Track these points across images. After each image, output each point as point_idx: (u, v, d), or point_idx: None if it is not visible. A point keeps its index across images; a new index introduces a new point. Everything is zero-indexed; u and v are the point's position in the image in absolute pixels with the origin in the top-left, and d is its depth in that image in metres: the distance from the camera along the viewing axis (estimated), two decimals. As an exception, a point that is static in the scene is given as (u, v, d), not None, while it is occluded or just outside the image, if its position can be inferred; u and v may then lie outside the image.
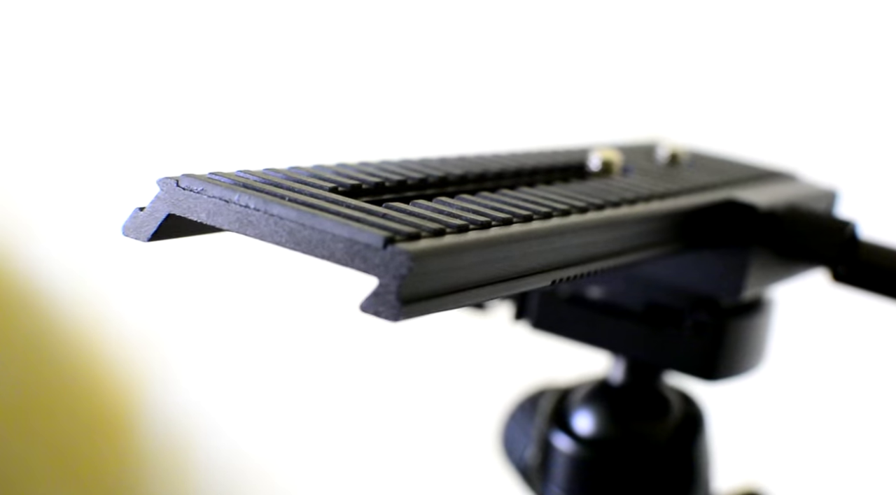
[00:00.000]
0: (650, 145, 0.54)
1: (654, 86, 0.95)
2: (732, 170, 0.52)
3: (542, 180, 0.44)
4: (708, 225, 0.46)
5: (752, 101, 0.92)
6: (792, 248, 0.47)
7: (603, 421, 0.52)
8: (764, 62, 0.92)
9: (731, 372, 0.50)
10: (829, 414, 0.95)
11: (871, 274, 0.48)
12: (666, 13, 0.95)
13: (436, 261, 0.33)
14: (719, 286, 0.47)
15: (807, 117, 0.90)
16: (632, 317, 0.50)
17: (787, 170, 0.55)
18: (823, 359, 0.94)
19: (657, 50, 0.96)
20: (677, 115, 0.95)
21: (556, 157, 0.48)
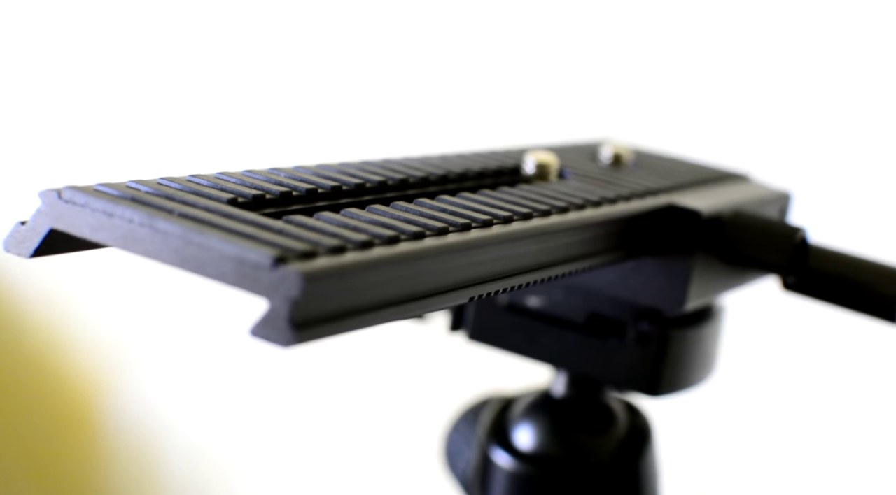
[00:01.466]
0: (594, 146, 0.52)
1: (610, 84, 0.93)
2: (680, 172, 0.50)
3: (470, 187, 0.42)
4: (648, 232, 0.43)
5: (708, 99, 0.89)
6: (738, 257, 0.44)
7: (544, 436, 0.50)
8: (723, 60, 0.89)
9: (676, 386, 0.48)
10: (780, 425, 0.93)
11: (822, 282, 0.46)
12: (628, 10, 0.92)
13: (333, 281, 0.30)
14: (661, 297, 0.44)
15: (764, 117, 0.88)
16: (573, 328, 0.48)
17: (740, 172, 0.53)
18: (776, 368, 0.92)
19: (612, 47, 0.93)
20: (633, 114, 0.92)
21: (490, 161, 0.45)
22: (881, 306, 0.46)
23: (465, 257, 0.35)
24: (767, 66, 0.87)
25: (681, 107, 0.90)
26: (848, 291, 0.46)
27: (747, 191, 0.50)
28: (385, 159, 0.42)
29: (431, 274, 0.33)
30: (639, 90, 0.92)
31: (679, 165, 0.52)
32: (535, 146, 0.51)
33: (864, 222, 0.86)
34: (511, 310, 0.49)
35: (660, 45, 0.91)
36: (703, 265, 0.44)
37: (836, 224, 0.86)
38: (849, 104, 0.84)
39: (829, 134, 0.85)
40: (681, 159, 0.53)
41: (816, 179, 0.86)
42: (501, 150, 0.48)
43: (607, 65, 0.93)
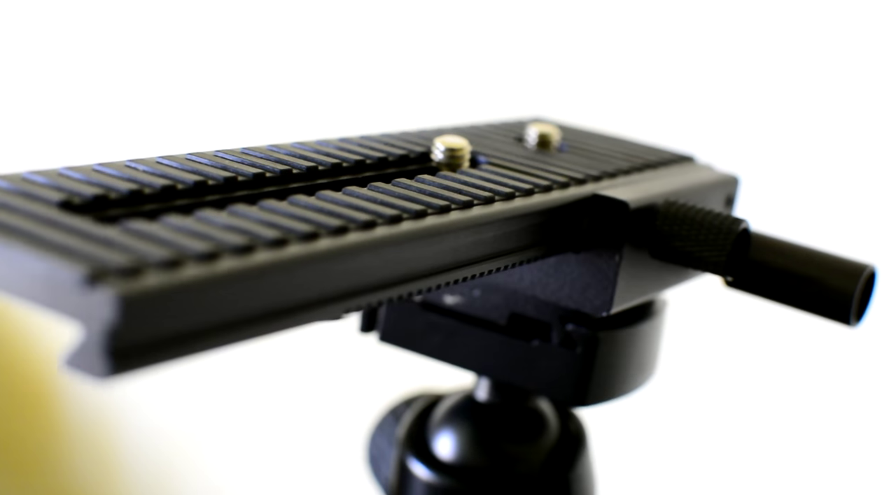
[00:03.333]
0: (522, 126, 0.47)
1: (555, 57, 0.88)
2: (615, 156, 0.45)
3: (362, 179, 0.37)
4: (569, 227, 0.39)
5: (659, 73, 0.84)
6: (671, 253, 0.39)
7: (466, 444, 0.45)
8: (675, 27, 0.84)
9: (607, 394, 0.43)
10: (725, 428, 0.88)
11: (767, 279, 0.42)
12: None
13: (163, 302, 0.26)
14: (584, 299, 0.40)
15: (715, 94, 0.83)
16: (493, 329, 0.43)
17: (685, 153, 0.48)
18: (723, 366, 0.87)
19: (555, 18, 0.88)
20: (581, 89, 0.87)
21: (395, 146, 0.40)
22: (834, 305, 0.41)
23: (337, 265, 0.30)
24: (720, 36, 0.82)
25: (630, 82, 0.85)
26: (796, 288, 0.42)
27: (689, 175, 0.45)
28: (272, 146, 0.37)
29: (295, 286, 0.29)
30: (586, 63, 0.87)
31: (616, 147, 0.47)
32: (460, 126, 0.46)
33: (821, 209, 0.81)
34: (426, 309, 0.44)
35: (606, 13, 0.86)
36: (632, 262, 0.40)
37: (791, 210, 0.81)
38: (807, 78, 0.79)
39: (785, 110, 0.80)
40: (620, 139, 0.49)
41: (769, 161, 0.81)
42: (414, 133, 0.43)
43: (549, 35, 0.88)
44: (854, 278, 0.41)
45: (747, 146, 0.82)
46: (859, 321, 0.42)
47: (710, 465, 0.88)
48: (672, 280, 0.43)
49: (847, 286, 0.41)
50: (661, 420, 0.89)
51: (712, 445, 0.88)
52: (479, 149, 0.42)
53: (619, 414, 0.84)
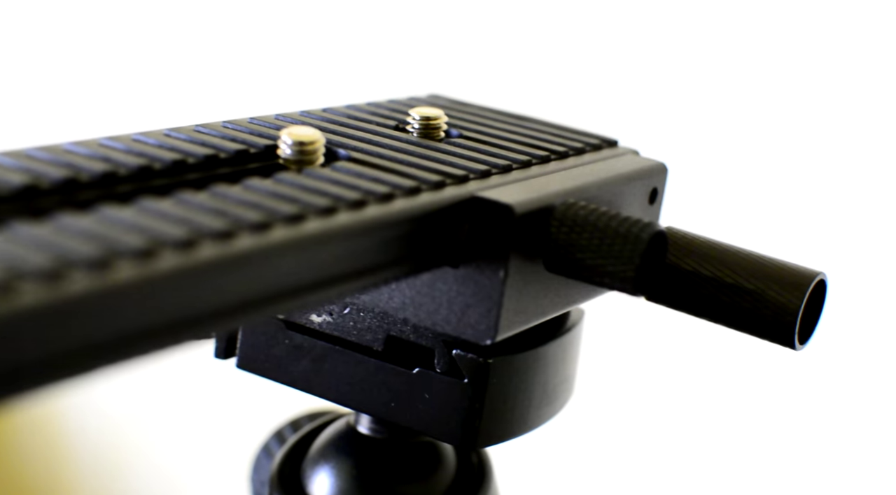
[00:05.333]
0: (406, 107, 0.39)
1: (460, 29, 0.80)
2: (516, 143, 0.38)
3: (169, 186, 0.30)
4: (443, 237, 0.32)
5: (583, 46, 0.77)
6: (569, 266, 0.32)
7: (345, 485, 0.39)
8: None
9: (505, 432, 0.36)
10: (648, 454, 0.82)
11: (689, 293, 0.34)
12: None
13: None
14: (464, 323, 0.32)
15: (645, 71, 0.75)
16: (368, 355, 0.36)
17: (607, 137, 0.41)
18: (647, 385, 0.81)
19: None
20: (496, 64, 0.79)
21: (234, 140, 0.33)
22: (774, 324, 0.34)
23: (115, 305, 0.23)
24: (649, 8, 0.74)
25: (558, 54, 0.78)
26: (725, 304, 0.34)
27: (603, 166, 0.38)
28: (81, 141, 0.30)
29: (58, 335, 0.22)
30: (510, 31, 0.79)
31: (521, 131, 0.39)
32: (333, 108, 0.39)
33: (768, 205, 0.74)
34: (291, 329, 0.37)
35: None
36: (523, 278, 0.32)
37: (735, 205, 0.74)
38: (759, 52, 0.72)
39: (732, 87, 0.73)
40: (529, 121, 0.41)
41: (712, 147, 0.74)
42: (266, 120, 0.35)
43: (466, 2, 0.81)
44: (799, 290, 0.34)
45: (688, 129, 0.74)
46: (806, 342, 0.35)
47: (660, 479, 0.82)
48: (576, 296, 0.36)
49: (789, 300, 0.34)
50: (577, 447, 0.83)
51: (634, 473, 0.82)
52: (344, 140, 0.35)
53: (531, 442, 0.77)
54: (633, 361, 0.80)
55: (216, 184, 0.28)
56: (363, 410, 0.37)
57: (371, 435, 0.39)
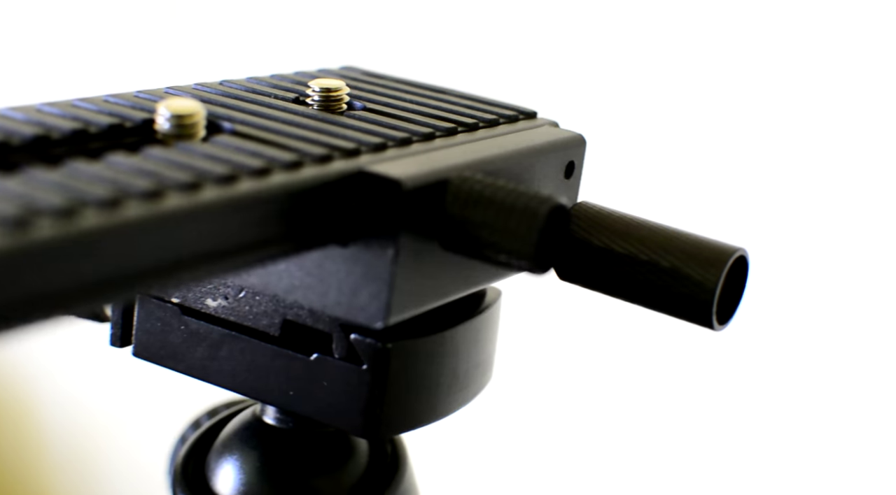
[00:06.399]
0: (310, 79, 0.37)
1: None
2: (422, 115, 0.36)
3: (32, 159, 0.28)
4: (330, 214, 0.30)
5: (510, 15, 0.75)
6: (464, 244, 0.30)
7: (251, 478, 0.37)
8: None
9: (411, 420, 0.34)
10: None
11: (594, 270, 0.32)
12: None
13: None
14: (354, 306, 0.31)
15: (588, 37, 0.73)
16: (265, 340, 0.34)
17: (524, 109, 0.39)
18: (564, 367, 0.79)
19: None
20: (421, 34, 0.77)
21: (109, 113, 0.31)
22: (691, 304, 0.32)
23: None
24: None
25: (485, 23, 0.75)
26: (638, 282, 0.32)
27: (515, 139, 0.36)
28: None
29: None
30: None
31: (432, 103, 0.37)
32: (232, 80, 0.37)
33: (694, 178, 0.72)
34: (187, 314, 0.35)
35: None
36: (416, 257, 0.30)
37: (661, 178, 0.72)
38: (693, 20, 0.70)
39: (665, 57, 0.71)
40: (443, 93, 0.39)
41: (640, 118, 0.72)
42: (144, 94, 0.33)
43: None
44: (716, 267, 0.32)
45: (625, 102, 0.72)
46: (726, 323, 0.33)
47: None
48: (480, 277, 0.34)
49: (706, 278, 0.32)
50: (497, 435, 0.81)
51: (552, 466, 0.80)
52: (233, 113, 0.33)
53: (452, 428, 0.76)
54: (557, 341, 0.78)
55: (74, 160, 0.26)
56: (261, 399, 0.35)
57: (277, 426, 0.37)
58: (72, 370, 1.06)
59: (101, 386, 1.06)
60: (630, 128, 0.73)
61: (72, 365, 1.06)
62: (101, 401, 1.06)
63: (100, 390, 1.06)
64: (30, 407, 1.10)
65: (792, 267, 0.71)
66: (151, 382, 1.02)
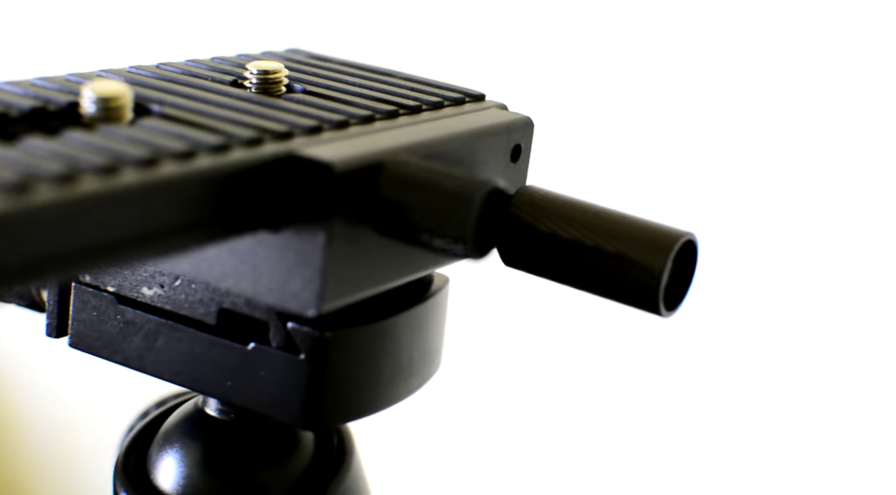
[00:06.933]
0: (246, 61, 0.36)
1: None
2: (364, 98, 0.35)
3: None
4: (259, 198, 0.29)
5: None
6: (400, 229, 0.29)
7: (193, 472, 0.36)
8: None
9: (354, 410, 0.33)
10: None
11: (538, 255, 0.32)
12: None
13: None
14: (287, 293, 0.30)
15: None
16: (202, 329, 0.33)
17: (472, 92, 0.38)
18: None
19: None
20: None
21: (37, 98, 0.30)
22: (638, 290, 0.31)
23: None
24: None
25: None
26: (588, 269, 0.32)
27: (458, 121, 0.35)
28: None
29: None
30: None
31: (375, 86, 0.36)
32: (170, 63, 0.36)
33: (643, 161, 0.71)
34: (123, 303, 0.34)
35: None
36: (350, 243, 0.30)
37: (615, 162, 0.71)
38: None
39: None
40: (390, 77, 0.38)
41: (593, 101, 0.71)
42: (81, 76, 0.32)
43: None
44: (663, 252, 0.31)
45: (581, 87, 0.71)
46: (674, 309, 0.32)
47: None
48: (420, 263, 0.33)
49: (653, 263, 0.31)
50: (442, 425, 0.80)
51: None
52: (165, 96, 0.32)
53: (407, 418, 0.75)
54: (509, 329, 0.78)
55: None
56: (199, 390, 0.34)
57: (219, 417, 0.36)
58: (49, 364, 1.05)
59: (79, 381, 1.05)
60: (590, 113, 0.72)
61: (49, 359, 1.05)
62: (80, 396, 1.06)
63: (77, 384, 1.05)
64: (8, 402, 1.09)
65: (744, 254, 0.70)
66: (130, 377, 1.01)
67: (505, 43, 0.74)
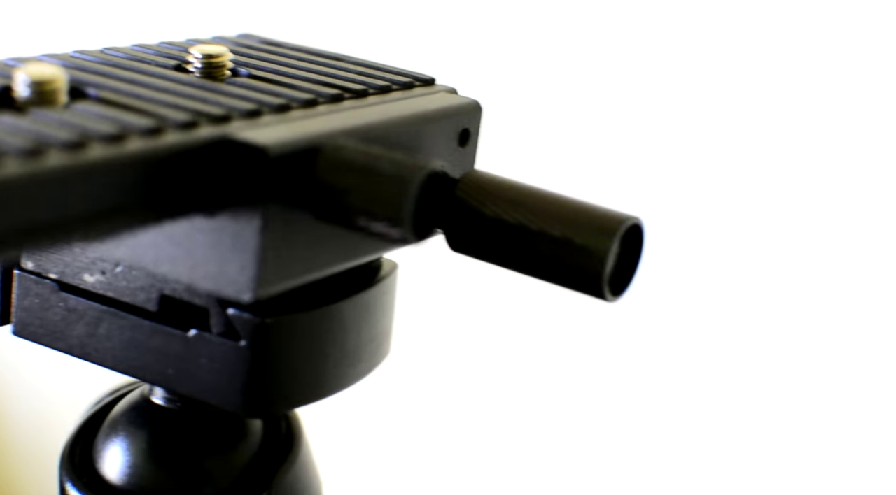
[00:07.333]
0: (189, 46, 0.36)
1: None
2: (310, 82, 0.34)
3: None
4: (193, 181, 0.28)
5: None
6: (337, 214, 0.29)
7: (139, 461, 0.35)
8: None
9: (297, 397, 0.33)
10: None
11: (481, 239, 0.31)
12: None
13: None
14: (223, 278, 0.29)
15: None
16: (144, 316, 0.33)
17: (422, 76, 0.38)
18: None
19: None
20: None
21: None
22: (583, 274, 0.31)
23: None
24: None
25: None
26: (534, 254, 0.31)
27: (404, 106, 0.34)
28: None
29: None
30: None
31: (323, 71, 0.36)
32: (115, 47, 0.35)
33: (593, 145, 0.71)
34: (65, 290, 0.34)
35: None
36: (287, 228, 0.29)
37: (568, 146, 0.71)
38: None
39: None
40: (340, 61, 0.38)
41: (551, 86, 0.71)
42: (18, 59, 0.32)
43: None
44: (607, 236, 0.31)
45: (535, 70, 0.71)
46: (620, 294, 0.32)
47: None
48: (363, 249, 0.32)
49: (597, 247, 0.31)
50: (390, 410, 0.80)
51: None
52: (103, 80, 0.31)
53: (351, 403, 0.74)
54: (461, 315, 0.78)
55: None
56: (141, 378, 0.34)
57: (166, 406, 0.36)
58: (36, 361, 1.05)
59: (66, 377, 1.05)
60: (548, 100, 0.72)
61: (36, 356, 1.04)
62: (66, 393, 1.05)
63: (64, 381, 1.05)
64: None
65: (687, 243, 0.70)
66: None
67: (463, 29, 0.74)
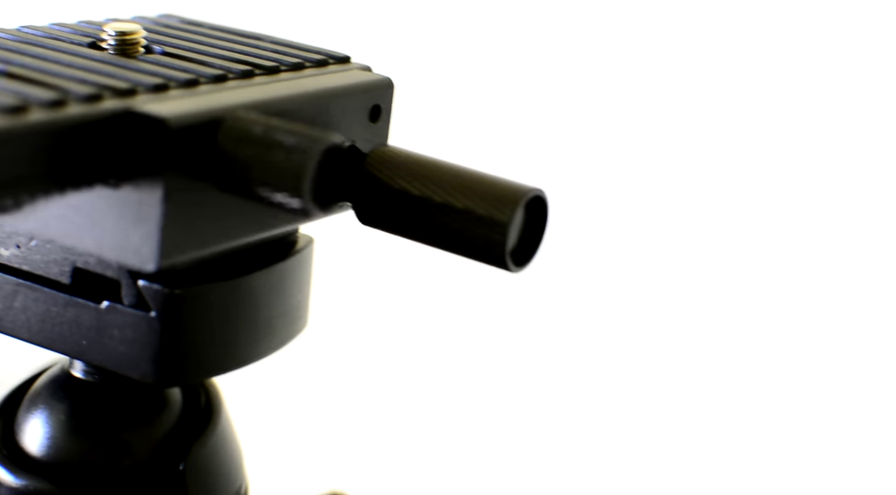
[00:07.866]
0: (104, 22, 0.37)
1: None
2: (225, 58, 0.35)
3: None
4: (95, 153, 0.29)
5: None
6: (237, 185, 0.30)
7: (58, 434, 0.36)
8: None
9: (209, 367, 0.34)
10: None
11: (393, 213, 0.32)
12: None
13: None
14: (127, 248, 0.30)
15: None
16: (57, 289, 0.33)
17: (336, 54, 0.38)
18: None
19: None
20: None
21: None
22: (485, 245, 0.32)
23: None
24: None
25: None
26: (439, 226, 0.32)
27: (313, 82, 0.35)
28: None
29: None
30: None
31: (237, 48, 0.37)
32: (30, 26, 0.36)
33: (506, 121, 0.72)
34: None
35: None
36: (190, 199, 0.30)
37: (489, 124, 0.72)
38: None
39: None
40: (256, 40, 0.38)
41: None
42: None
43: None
44: (509, 206, 0.32)
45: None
46: (524, 264, 0.33)
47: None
48: (268, 222, 0.33)
49: (499, 218, 0.32)
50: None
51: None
52: (14, 56, 0.32)
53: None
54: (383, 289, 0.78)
55: None
56: (56, 350, 0.34)
57: (85, 379, 0.37)
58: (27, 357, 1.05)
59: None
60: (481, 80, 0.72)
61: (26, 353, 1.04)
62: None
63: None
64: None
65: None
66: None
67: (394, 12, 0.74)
